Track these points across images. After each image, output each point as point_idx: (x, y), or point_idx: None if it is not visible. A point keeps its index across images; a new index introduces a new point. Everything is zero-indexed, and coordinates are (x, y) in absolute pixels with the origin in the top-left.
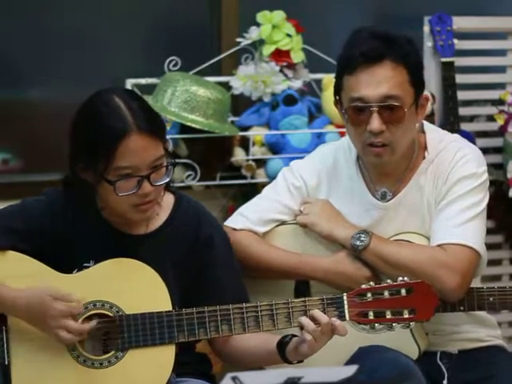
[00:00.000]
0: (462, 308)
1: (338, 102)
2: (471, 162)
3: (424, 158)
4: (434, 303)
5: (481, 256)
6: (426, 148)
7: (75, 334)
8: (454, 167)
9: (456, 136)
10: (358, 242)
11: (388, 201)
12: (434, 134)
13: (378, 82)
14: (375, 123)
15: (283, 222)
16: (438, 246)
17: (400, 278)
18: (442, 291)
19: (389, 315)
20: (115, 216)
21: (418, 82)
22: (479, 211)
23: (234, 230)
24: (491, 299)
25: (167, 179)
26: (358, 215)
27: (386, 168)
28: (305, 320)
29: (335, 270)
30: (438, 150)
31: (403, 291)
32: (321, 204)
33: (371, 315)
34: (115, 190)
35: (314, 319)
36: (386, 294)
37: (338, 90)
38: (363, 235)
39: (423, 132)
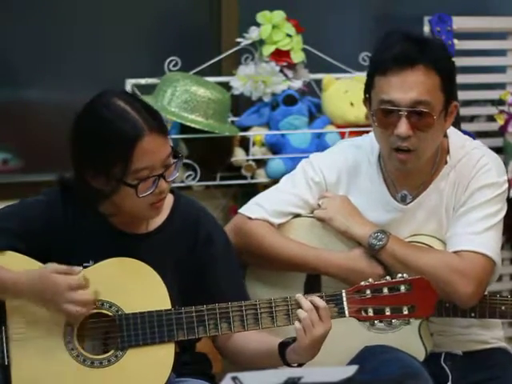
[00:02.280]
0: (473, 315)
1: (367, 100)
2: (493, 170)
3: (446, 162)
4: (434, 300)
5: (496, 264)
6: (448, 152)
7: (82, 305)
8: (476, 175)
9: (478, 142)
10: (375, 242)
11: (408, 203)
12: (456, 139)
13: (409, 86)
14: (403, 127)
15: (300, 215)
16: (455, 252)
17: (399, 275)
18: (455, 297)
19: (388, 312)
20: (119, 216)
21: (449, 89)
22: (497, 221)
23: (250, 218)
24: (503, 308)
25: (177, 173)
26: (376, 215)
27: (409, 172)
28: (301, 300)
29: (348, 266)
30: (460, 156)
31: (402, 288)
32: (339, 200)
33: (371, 312)
34: (137, 192)
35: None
36: (386, 290)
37: (368, 88)
38: (381, 235)
39: (445, 136)
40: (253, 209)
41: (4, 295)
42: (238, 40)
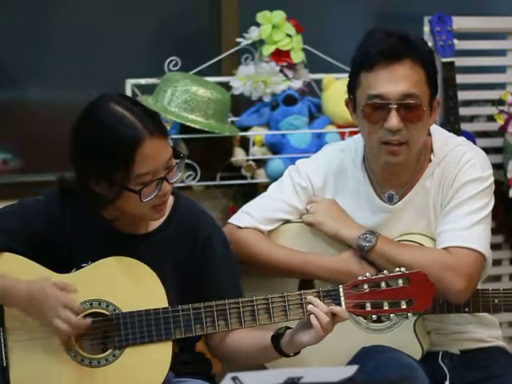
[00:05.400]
0: (466, 310)
1: (350, 102)
2: (476, 166)
3: (430, 160)
4: (432, 293)
5: (486, 259)
6: (432, 150)
7: (71, 325)
8: (460, 171)
9: (461, 139)
10: (364, 243)
11: (395, 203)
12: (440, 137)
13: (398, 79)
14: (394, 120)
15: (289, 221)
16: (444, 248)
17: (397, 269)
18: (447, 294)
19: (386, 306)
20: (121, 218)
21: (433, 83)
22: (485, 215)
23: (239, 227)
24: (496, 301)
25: (179, 174)
26: (365, 217)
27: (395, 169)
28: (317, 301)
29: (340, 269)
30: (444, 153)
31: (400, 282)
32: (327, 203)
33: (368, 306)
34: (141, 197)
35: None
36: (383, 285)
37: (352, 88)
38: (370, 236)
39: (429, 134)
40: (242, 217)
41: (2, 302)
42: (238, 40)
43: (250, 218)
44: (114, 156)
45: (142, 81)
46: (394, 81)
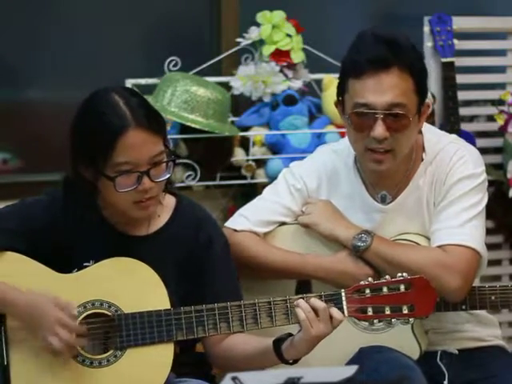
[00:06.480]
0: (463, 307)
1: (339, 103)
2: (469, 163)
3: (422, 159)
4: (434, 299)
5: (481, 256)
6: (423, 149)
7: (65, 344)
8: (452, 168)
9: (454, 136)
10: (359, 243)
11: (388, 203)
12: (432, 135)
13: (385, 89)
14: (379, 130)
15: (284, 223)
16: (439, 247)
17: (399, 274)
18: (443, 292)
19: (388, 311)
20: (117, 216)
21: (422, 90)
22: (478, 211)
23: (235, 231)
24: (493, 298)
25: (168, 175)
26: (359, 218)
27: (384, 173)
28: (300, 301)
29: (337, 268)
30: (436, 152)
31: (402, 287)
32: (322, 204)
33: (370, 311)
34: (115, 186)
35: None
36: (385, 289)
37: (341, 91)
38: (365, 236)
39: (420, 133)
40: (238, 221)
41: (2, 311)
42: (238, 40)
43: (245, 220)
44: (97, 141)
45: (142, 81)
46: (381, 90)
